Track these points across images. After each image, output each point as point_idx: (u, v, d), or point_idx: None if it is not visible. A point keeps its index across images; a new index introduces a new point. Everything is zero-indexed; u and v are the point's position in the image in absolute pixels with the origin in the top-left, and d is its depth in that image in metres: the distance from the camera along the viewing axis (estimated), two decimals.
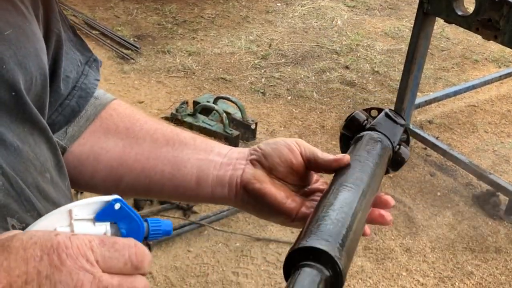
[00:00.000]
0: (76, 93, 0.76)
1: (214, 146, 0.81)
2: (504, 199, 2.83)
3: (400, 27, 4.78)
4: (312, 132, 3.36)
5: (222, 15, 4.72)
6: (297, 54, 4.22)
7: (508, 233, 2.75)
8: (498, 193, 2.83)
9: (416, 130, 3.20)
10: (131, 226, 0.53)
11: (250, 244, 2.54)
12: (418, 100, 3.32)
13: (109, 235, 0.52)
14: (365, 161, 0.73)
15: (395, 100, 3.28)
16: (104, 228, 0.52)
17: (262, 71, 3.96)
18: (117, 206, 0.52)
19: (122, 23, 4.41)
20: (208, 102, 3.23)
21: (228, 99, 3.24)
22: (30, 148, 0.61)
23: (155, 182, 0.79)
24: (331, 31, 4.62)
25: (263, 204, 0.74)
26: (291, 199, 0.74)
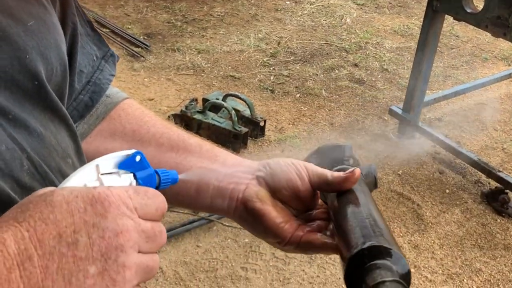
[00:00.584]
0: (90, 88, 0.77)
1: (219, 155, 0.79)
2: None
3: (409, 25, 4.77)
4: (320, 129, 3.37)
5: (231, 13, 4.73)
6: (306, 52, 4.23)
7: None
8: (507, 190, 2.83)
9: (425, 128, 3.20)
10: (146, 177, 0.57)
11: (259, 240, 2.53)
12: (427, 98, 3.32)
13: (134, 185, 0.56)
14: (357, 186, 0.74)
15: (403, 98, 3.28)
16: (129, 179, 0.56)
17: (271, 68, 3.98)
18: (137, 158, 0.57)
19: (132, 21, 4.44)
20: (217, 99, 3.24)
21: (237, 97, 3.25)
22: (52, 134, 0.63)
23: None
24: (340, 29, 4.62)
25: (260, 224, 0.73)
26: (289, 224, 0.73)
